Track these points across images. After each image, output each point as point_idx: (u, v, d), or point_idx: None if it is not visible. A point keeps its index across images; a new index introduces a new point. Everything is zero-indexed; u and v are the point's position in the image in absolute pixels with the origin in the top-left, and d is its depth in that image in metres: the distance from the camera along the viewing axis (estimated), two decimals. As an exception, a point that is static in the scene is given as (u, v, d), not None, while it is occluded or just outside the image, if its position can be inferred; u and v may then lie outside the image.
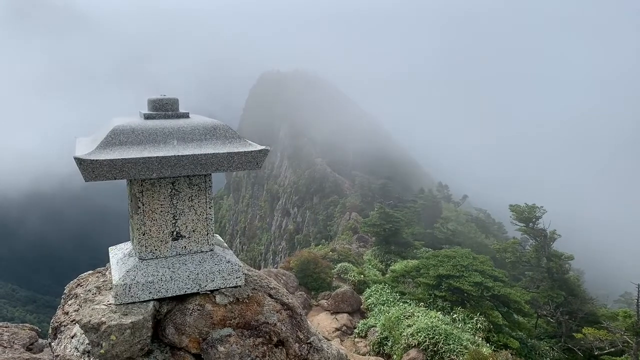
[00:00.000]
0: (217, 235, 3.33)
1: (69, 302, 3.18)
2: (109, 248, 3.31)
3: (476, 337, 11.96)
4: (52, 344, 2.99)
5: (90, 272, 3.52)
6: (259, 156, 2.82)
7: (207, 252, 3.01)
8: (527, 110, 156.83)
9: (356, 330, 13.78)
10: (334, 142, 60.39)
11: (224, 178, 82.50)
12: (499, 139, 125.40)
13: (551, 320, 18.52)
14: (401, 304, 14.93)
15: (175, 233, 2.89)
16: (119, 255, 3.06)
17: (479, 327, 12.88)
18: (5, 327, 5.29)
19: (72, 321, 2.95)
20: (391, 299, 15.70)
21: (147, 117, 2.87)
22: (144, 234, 2.82)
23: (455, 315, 13.39)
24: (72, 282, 3.42)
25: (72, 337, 2.80)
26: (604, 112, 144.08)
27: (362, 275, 18.24)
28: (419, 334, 11.28)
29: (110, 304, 2.75)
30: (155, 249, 2.87)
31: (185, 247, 2.94)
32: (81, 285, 3.29)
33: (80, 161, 2.40)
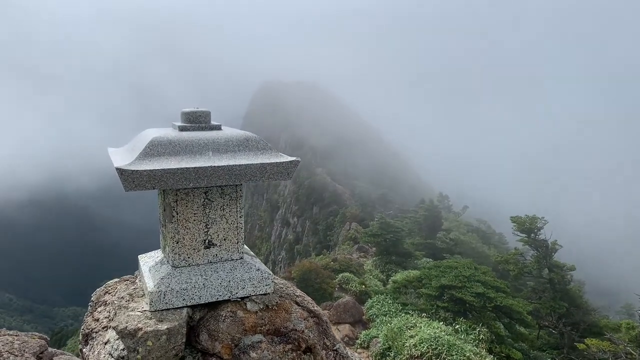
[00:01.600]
0: (244, 245, 3.41)
1: (99, 309, 3.24)
2: (139, 256, 3.38)
3: (479, 348, 11.96)
4: (84, 350, 3.05)
5: (117, 279, 3.59)
6: (290, 167, 2.92)
7: (237, 260, 3.09)
8: (528, 115, 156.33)
9: (358, 341, 13.75)
10: (334, 151, 60.60)
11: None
12: (500, 147, 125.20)
13: (553, 331, 18.50)
14: (403, 314, 14.92)
15: (207, 241, 2.98)
16: (151, 263, 3.13)
17: (482, 338, 12.87)
18: (16, 335, 5.33)
19: (103, 327, 3.01)
20: (393, 310, 15.71)
21: (182, 129, 2.96)
22: (177, 242, 2.90)
23: (457, 326, 13.37)
24: (99, 289, 3.49)
25: (105, 343, 2.86)
26: (608, 116, 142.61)
27: (363, 286, 18.25)
28: (422, 344, 11.27)
29: (145, 310, 2.81)
30: (188, 257, 2.95)
31: (216, 255, 3.02)
32: (109, 293, 3.35)
33: (121, 171, 2.49)
